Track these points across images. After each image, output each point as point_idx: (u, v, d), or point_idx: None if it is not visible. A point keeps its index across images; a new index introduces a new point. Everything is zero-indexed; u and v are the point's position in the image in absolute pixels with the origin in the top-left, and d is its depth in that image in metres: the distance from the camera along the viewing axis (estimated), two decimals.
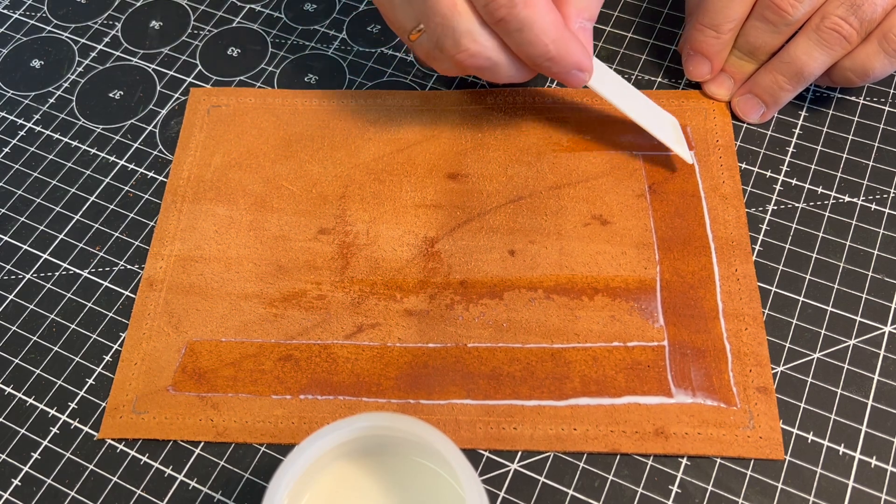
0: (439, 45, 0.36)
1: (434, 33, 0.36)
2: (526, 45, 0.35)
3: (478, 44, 0.36)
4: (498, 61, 0.36)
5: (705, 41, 0.42)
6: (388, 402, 0.37)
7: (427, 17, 0.36)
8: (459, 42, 0.35)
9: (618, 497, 0.34)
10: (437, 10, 0.35)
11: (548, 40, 0.35)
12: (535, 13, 0.34)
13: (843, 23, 0.39)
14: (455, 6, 0.35)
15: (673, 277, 0.39)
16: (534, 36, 0.35)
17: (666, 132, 0.40)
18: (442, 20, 0.35)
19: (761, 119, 0.43)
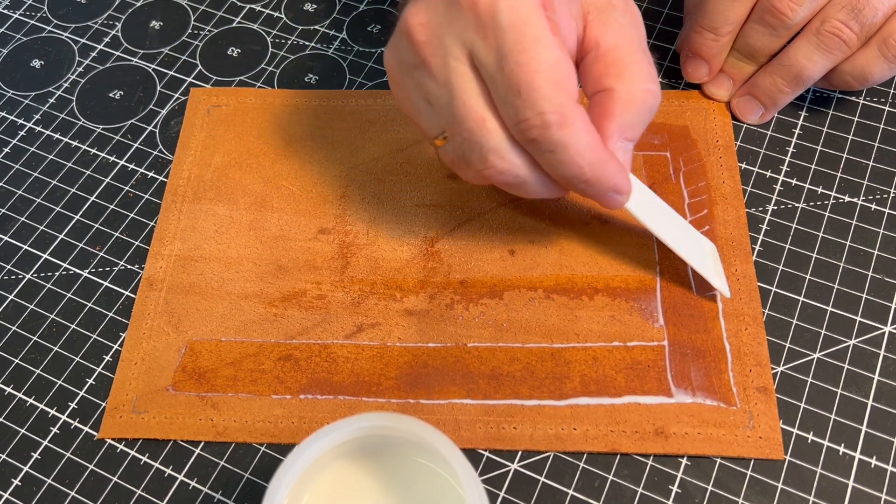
0: (465, 158, 0.33)
1: (460, 147, 0.33)
2: (559, 166, 0.32)
3: (506, 161, 0.32)
4: (527, 179, 0.33)
5: (704, 43, 0.42)
6: (387, 401, 0.37)
7: (453, 129, 0.33)
8: (486, 159, 0.32)
9: (618, 497, 0.34)
10: (465, 124, 0.32)
11: (583, 163, 0.31)
12: (571, 135, 0.31)
13: (843, 27, 0.39)
14: (484, 122, 0.32)
15: (673, 277, 0.39)
16: (568, 158, 0.31)
17: (704, 261, 0.37)
18: (469, 135, 0.32)
19: (760, 120, 0.43)
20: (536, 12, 0.30)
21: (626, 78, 0.33)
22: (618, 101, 0.33)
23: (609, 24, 0.33)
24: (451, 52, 0.31)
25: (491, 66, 0.30)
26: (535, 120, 0.30)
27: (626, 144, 0.34)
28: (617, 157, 0.33)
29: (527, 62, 0.30)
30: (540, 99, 0.30)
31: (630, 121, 0.33)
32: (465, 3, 0.30)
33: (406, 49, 0.32)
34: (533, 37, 0.30)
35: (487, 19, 0.30)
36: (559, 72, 0.30)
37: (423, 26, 0.32)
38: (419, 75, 0.32)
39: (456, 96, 0.32)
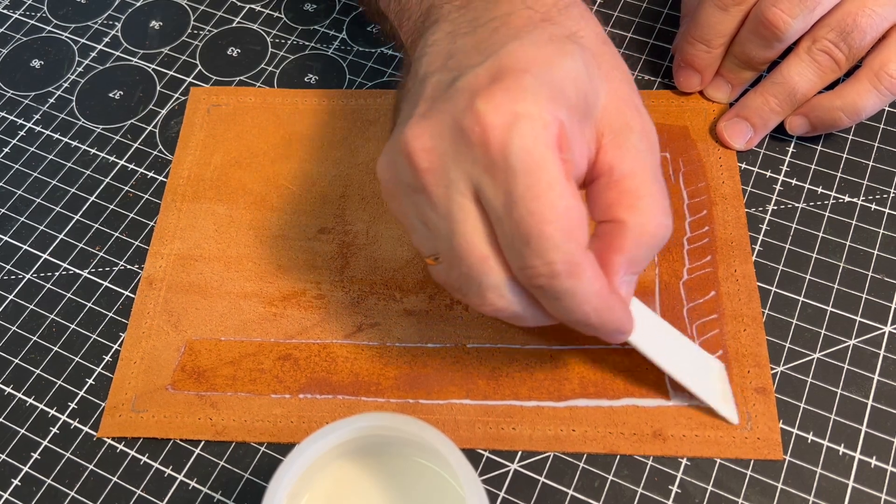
0: (461, 290, 0.31)
1: (457, 279, 0.31)
2: (563, 311, 0.30)
3: (505, 300, 0.30)
4: (525, 315, 0.31)
5: (696, 55, 0.42)
6: (387, 401, 0.37)
7: (451, 261, 0.30)
8: (485, 296, 0.30)
9: (618, 497, 0.34)
10: (465, 259, 0.29)
11: (589, 309, 0.29)
12: (579, 284, 0.28)
13: (833, 47, 0.39)
14: (486, 260, 0.29)
15: (672, 280, 0.39)
16: (574, 306, 0.29)
17: (711, 388, 0.35)
18: (468, 270, 0.30)
19: (747, 146, 0.42)
20: (551, 155, 0.28)
21: (640, 211, 0.30)
22: (628, 235, 0.30)
23: (625, 148, 0.31)
24: (455, 186, 0.29)
25: (499, 208, 0.28)
26: (543, 269, 0.28)
27: (632, 278, 0.31)
28: (621, 294, 0.31)
29: (539, 211, 0.27)
30: (550, 249, 0.28)
31: (639, 255, 0.31)
32: (475, 138, 0.28)
33: (405, 170, 0.30)
34: (547, 183, 0.27)
35: (498, 159, 0.27)
36: (571, 220, 0.28)
37: (426, 153, 0.29)
38: (418, 200, 0.30)
39: (457, 231, 0.29)
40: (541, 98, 0.28)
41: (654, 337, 0.35)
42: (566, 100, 0.29)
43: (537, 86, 0.28)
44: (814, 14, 0.39)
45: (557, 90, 0.28)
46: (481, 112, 0.28)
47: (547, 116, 0.28)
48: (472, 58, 0.30)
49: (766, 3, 0.39)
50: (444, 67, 0.31)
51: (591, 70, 0.30)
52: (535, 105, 0.28)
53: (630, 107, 0.31)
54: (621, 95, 0.31)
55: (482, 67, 0.29)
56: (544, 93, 0.28)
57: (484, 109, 0.28)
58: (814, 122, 0.41)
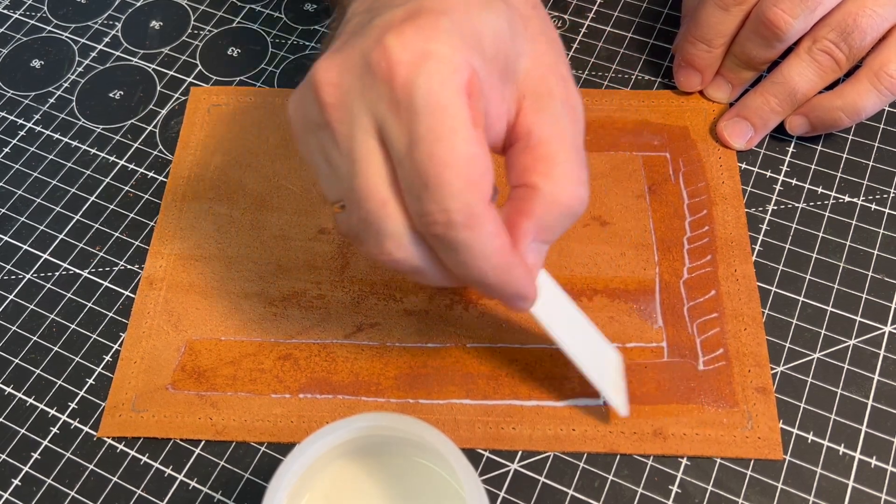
0: (360, 237, 0.30)
1: (356, 224, 0.29)
2: (460, 266, 0.28)
3: (403, 250, 0.29)
4: (425, 270, 0.30)
5: (697, 55, 0.42)
6: (387, 401, 0.37)
7: (351, 204, 0.29)
8: (383, 244, 0.29)
9: (618, 497, 0.34)
10: (364, 203, 0.28)
11: (487, 267, 0.28)
12: (477, 237, 0.27)
13: (834, 47, 0.39)
14: (385, 204, 0.28)
15: (672, 279, 0.39)
16: (471, 260, 0.28)
17: (605, 376, 0.35)
18: (367, 215, 0.28)
19: (747, 146, 0.42)
20: (458, 99, 0.26)
21: (554, 178, 0.29)
22: (540, 200, 0.29)
23: (545, 113, 0.30)
24: (358, 122, 0.28)
25: (401, 148, 0.27)
26: (440, 216, 0.27)
27: (541, 247, 0.30)
28: (526, 260, 0.30)
29: (439, 154, 0.26)
30: (448, 196, 0.26)
31: (549, 223, 0.29)
32: (381, 73, 0.27)
33: (312, 105, 0.29)
34: (450, 127, 0.26)
35: (403, 96, 0.26)
36: (474, 169, 0.27)
37: (332, 86, 0.28)
38: (322, 137, 0.29)
39: (358, 172, 0.28)
40: (454, 41, 0.27)
41: (558, 314, 0.34)
42: (482, 50, 0.28)
43: (453, 29, 0.27)
44: (815, 14, 0.39)
45: (474, 39, 0.28)
46: (389, 47, 0.27)
47: (458, 60, 0.27)
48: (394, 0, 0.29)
49: (767, 3, 0.39)
50: (366, 10, 0.30)
51: (515, 29, 0.29)
52: (448, 47, 0.27)
53: (555, 74, 0.30)
54: (546, 61, 0.30)
55: (401, 8, 0.28)
56: (459, 37, 0.27)
57: (392, 44, 0.27)
58: (814, 122, 0.41)
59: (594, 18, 0.49)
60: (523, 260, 0.30)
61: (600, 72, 0.46)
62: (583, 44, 0.48)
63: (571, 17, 0.49)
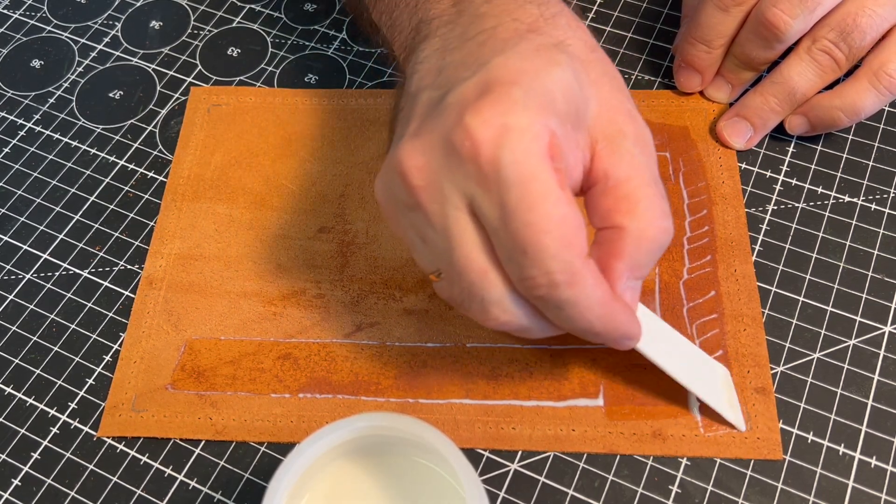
0: (464, 305, 0.31)
1: (459, 295, 0.30)
2: (567, 321, 0.30)
3: (508, 314, 0.30)
4: (531, 327, 0.31)
5: (696, 55, 0.42)
6: (386, 401, 0.37)
7: (451, 277, 0.30)
8: (488, 310, 0.30)
9: (618, 497, 0.34)
10: (465, 275, 0.29)
11: (592, 317, 0.29)
12: (580, 293, 0.28)
13: (833, 47, 0.39)
14: (485, 274, 0.29)
15: (671, 279, 0.39)
16: (577, 314, 0.29)
17: (717, 393, 0.35)
18: (469, 286, 0.29)
19: (747, 145, 0.42)
20: (543, 165, 0.27)
21: (638, 215, 0.30)
22: (628, 240, 0.30)
23: (619, 154, 0.30)
24: (450, 201, 0.28)
25: (494, 220, 0.28)
26: (543, 279, 0.28)
27: (635, 283, 0.31)
28: (626, 300, 0.31)
29: (534, 221, 0.27)
30: (548, 259, 0.27)
31: (640, 261, 0.30)
32: (465, 153, 0.28)
33: (400, 189, 0.30)
34: (540, 193, 0.27)
35: (490, 172, 0.27)
36: (567, 229, 0.28)
37: (419, 170, 0.29)
38: (415, 218, 0.30)
39: (455, 246, 0.29)
40: (530, 109, 0.28)
41: (660, 342, 0.34)
42: (556, 109, 0.29)
43: (526, 97, 0.28)
44: (814, 14, 0.39)
45: (547, 100, 0.28)
46: (470, 126, 0.28)
47: (537, 127, 0.28)
48: (460, 73, 0.30)
49: (767, 4, 0.39)
50: (433, 84, 0.31)
51: (580, 78, 0.30)
52: (525, 116, 0.28)
53: (622, 113, 0.31)
54: (613, 102, 0.31)
55: (470, 82, 0.29)
56: (533, 104, 0.28)
57: (473, 124, 0.28)
58: (813, 121, 0.41)
59: (594, 18, 0.49)
60: (623, 302, 0.30)
61: None
62: None
63: None
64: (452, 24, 0.33)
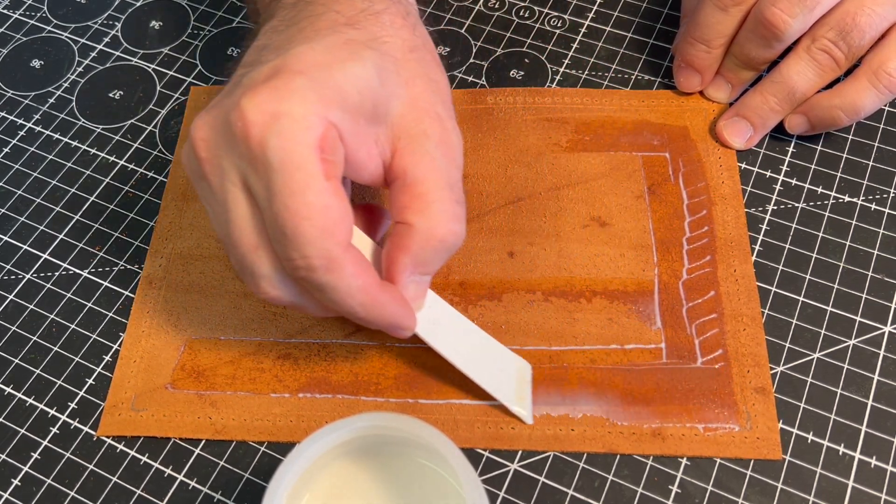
0: (241, 276, 0.32)
1: (235, 265, 0.32)
2: (329, 303, 0.31)
3: (277, 290, 0.31)
4: (304, 305, 0.32)
5: (696, 55, 0.42)
6: (386, 401, 0.37)
7: (228, 247, 0.32)
8: (258, 284, 0.31)
9: (618, 497, 0.34)
10: (238, 248, 0.31)
11: (353, 303, 0.30)
12: (339, 279, 0.30)
13: (833, 46, 0.39)
14: (256, 249, 0.30)
15: (671, 280, 0.39)
16: (338, 298, 0.30)
17: (505, 386, 0.36)
18: (241, 259, 0.31)
19: (746, 145, 0.42)
20: (310, 155, 0.29)
21: (429, 215, 0.31)
22: (416, 237, 0.31)
23: (419, 154, 0.32)
24: (227, 176, 0.30)
25: (262, 199, 0.29)
26: (301, 262, 0.29)
27: (421, 278, 0.33)
28: (406, 292, 0.32)
29: (294, 207, 0.28)
30: (305, 244, 0.29)
31: (426, 258, 0.32)
32: (238, 133, 0.29)
33: (192, 158, 0.31)
34: (303, 181, 0.28)
35: (258, 153, 0.29)
36: (328, 218, 0.29)
37: (204, 142, 0.30)
38: (202, 187, 0.32)
39: (230, 220, 0.30)
40: (307, 99, 0.29)
41: (448, 334, 0.35)
42: (344, 102, 0.30)
43: (307, 87, 0.29)
44: (813, 14, 0.39)
45: (333, 92, 0.30)
46: (244, 108, 0.29)
47: (311, 118, 0.29)
48: (269, 55, 0.31)
49: (766, 3, 0.39)
50: (248, 62, 0.33)
51: (385, 76, 0.31)
52: (300, 106, 0.29)
53: (430, 115, 0.32)
54: (421, 103, 0.32)
55: (266, 66, 0.30)
56: (313, 95, 0.29)
57: (246, 106, 0.29)
58: (813, 121, 0.41)
59: (594, 18, 0.49)
60: (397, 293, 0.32)
61: (600, 72, 0.46)
62: (583, 44, 0.48)
63: (571, 17, 0.49)
64: (291, 8, 0.34)
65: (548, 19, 0.49)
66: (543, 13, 0.49)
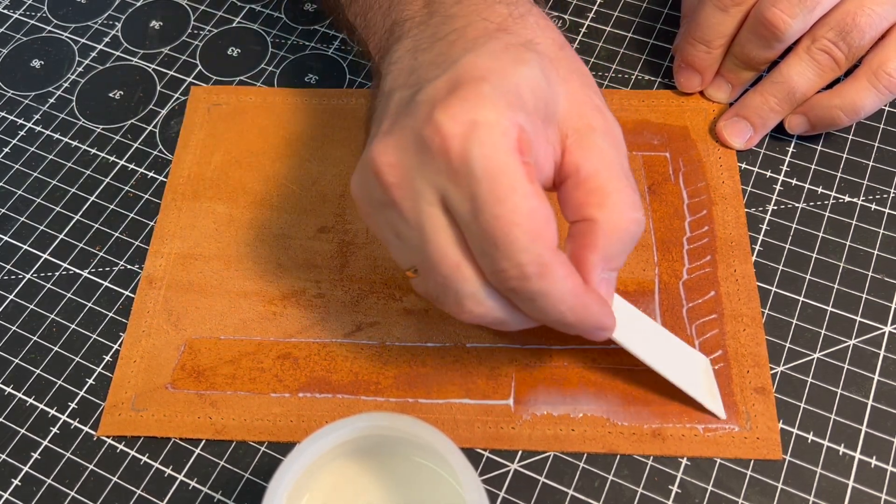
0: (440, 299, 0.32)
1: (434, 289, 0.31)
2: (539, 312, 0.30)
3: (483, 307, 0.31)
4: (506, 320, 0.31)
5: (696, 55, 0.42)
6: (386, 400, 0.37)
7: (426, 271, 0.31)
8: (462, 304, 0.30)
9: (618, 497, 0.34)
10: (439, 269, 0.30)
11: (564, 308, 0.30)
12: (551, 284, 0.29)
13: (833, 46, 0.39)
14: (459, 268, 0.30)
15: (671, 280, 0.39)
16: (549, 305, 0.30)
17: (697, 383, 0.35)
18: (443, 280, 0.30)
19: (746, 145, 0.42)
20: (512, 159, 0.28)
21: (609, 207, 0.31)
22: (600, 232, 0.31)
23: (589, 148, 0.31)
24: (423, 196, 0.29)
25: (465, 214, 0.29)
26: (514, 272, 0.28)
27: (610, 275, 0.32)
28: (599, 292, 0.31)
29: (503, 214, 0.28)
30: (518, 251, 0.28)
31: (613, 252, 0.31)
32: (436, 148, 0.28)
33: (375, 187, 0.30)
34: (509, 186, 0.28)
35: (460, 167, 0.28)
36: (537, 221, 0.28)
37: (392, 167, 0.30)
38: (389, 214, 0.31)
39: (429, 241, 0.30)
40: (498, 105, 0.29)
41: (638, 333, 0.35)
42: (524, 105, 0.29)
43: (494, 93, 0.29)
44: (813, 14, 0.39)
45: (515, 96, 0.29)
46: (440, 122, 0.28)
47: (505, 122, 0.28)
48: (431, 72, 0.31)
49: (766, 4, 0.39)
50: (405, 84, 0.32)
51: (548, 75, 0.31)
52: (493, 112, 0.28)
53: (591, 108, 0.32)
54: (581, 98, 0.32)
55: (440, 80, 0.30)
56: (502, 100, 0.29)
57: (442, 119, 0.28)
58: (813, 121, 0.41)
59: (594, 18, 0.49)
60: (596, 293, 0.31)
61: (600, 72, 0.46)
62: (583, 44, 0.48)
63: (571, 17, 0.49)
64: (424, 25, 0.33)
65: None
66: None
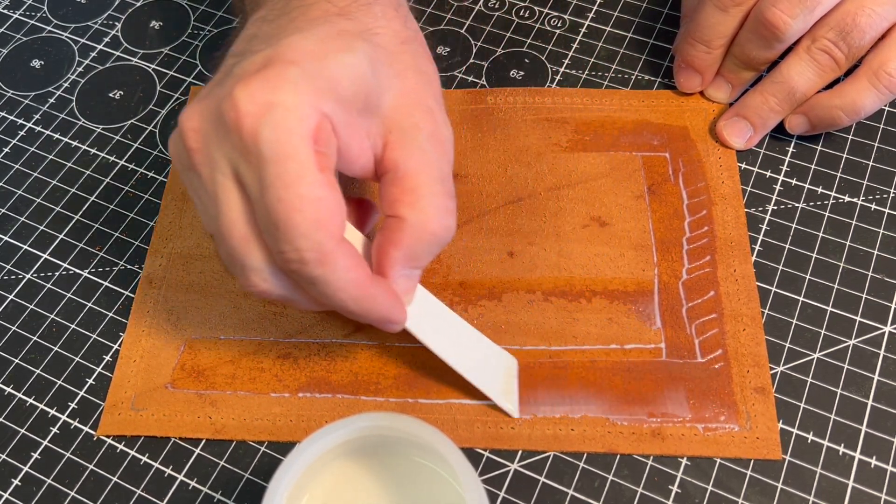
0: (231, 270, 0.32)
1: (226, 258, 0.31)
2: (321, 297, 0.30)
3: (268, 283, 0.31)
4: (294, 298, 0.32)
5: (696, 56, 0.42)
6: (386, 400, 0.37)
7: (219, 240, 0.31)
8: (248, 277, 0.31)
9: (618, 497, 0.34)
10: (228, 240, 0.30)
11: (345, 297, 0.30)
12: (331, 273, 0.29)
13: (833, 46, 0.39)
14: (246, 242, 0.30)
15: (671, 280, 0.39)
16: (330, 292, 0.30)
17: (492, 380, 0.36)
18: (232, 251, 0.30)
19: (746, 145, 0.42)
20: (303, 145, 0.28)
21: (420, 209, 0.31)
22: (408, 231, 0.31)
23: (410, 147, 0.31)
24: (218, 167, 0.30)
25: (254, 191, 0.29)
26: (293, 255, 0.29)
27: (412, 272, 0.32)
28: (396, 287, 0.32)
29: (287, 199, 0.28)
30: (298, 237, 0.28)
31: (417, 252, 0.31)
32: (230, 123, 0.28)
33: (181, 149, 0.31)
34: (296, 172, 0.28)
35: (251, 145, 0.28)
36: (321, 210, 0.28)
37: (195, 132, 0.30)
38: (192, 178, 0.31)
39: (221, 212, 0.30)
40: (302, 90, 0.28)
41: (437, 328, 0.35)
42: (338, 94, 0.29)
43: (301, 77, 0.29)
44: (813, 14, 0.39)
45: (327, 83, 0.29)
46: (237, 98, 0.28)
47: (305, 108, 0.28)
48: (259, 45, 0.31)
49: (766, 4, 0.39)
50: (238, 52, 0.32)
51: (377, 67, 0.31)
52: (293, 96, 0.28)
53: (421, 108, 0.32)
54: (413, 96, 0.32)
55: (258, 56, 0.30)
56: (307, 85, 0.29)
57: (240, 96, 0.28)
58: (813, 121, 0.41)
59: (594, 18, 0.49)
60: (388, 287, 0.32)
61: (600, 72, 0.46)
62: (583, 44, 0.48)
63: (571, 17, 0.49)
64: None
65: (548, 19, 0.49)
66: (543, 13, 0.49)
